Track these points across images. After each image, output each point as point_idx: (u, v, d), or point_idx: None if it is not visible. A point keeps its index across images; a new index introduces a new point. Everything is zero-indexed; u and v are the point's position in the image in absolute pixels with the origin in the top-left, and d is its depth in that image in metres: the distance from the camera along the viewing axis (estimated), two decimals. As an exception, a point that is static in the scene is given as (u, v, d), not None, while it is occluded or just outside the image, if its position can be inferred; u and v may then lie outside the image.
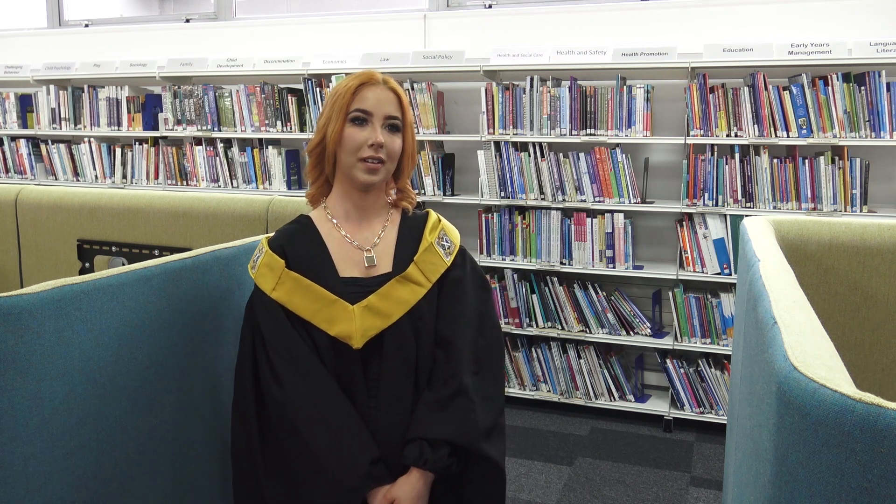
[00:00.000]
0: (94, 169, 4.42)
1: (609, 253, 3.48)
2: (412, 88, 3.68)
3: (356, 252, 1.48)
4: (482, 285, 1.55)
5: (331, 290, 1.43)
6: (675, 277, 3.43)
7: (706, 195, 3.31)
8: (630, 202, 3.43)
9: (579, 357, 3.57)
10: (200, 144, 4.14)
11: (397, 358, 1.44)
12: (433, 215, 1.57)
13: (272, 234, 1.53)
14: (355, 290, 1.45)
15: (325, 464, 1.36)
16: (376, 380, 1.44)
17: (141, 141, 4.30)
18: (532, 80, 3.49)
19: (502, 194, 3.59)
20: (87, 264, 2.88)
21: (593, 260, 3.51)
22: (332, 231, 1.50)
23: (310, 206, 1.59)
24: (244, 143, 4.12)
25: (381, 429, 1.42)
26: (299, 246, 1.48)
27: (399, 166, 1.51)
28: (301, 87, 3.89)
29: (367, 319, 1.42)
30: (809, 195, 3.19)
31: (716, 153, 3.29)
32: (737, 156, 3.25)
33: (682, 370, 3.43)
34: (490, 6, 3.95)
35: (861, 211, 3.14)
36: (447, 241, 1.54)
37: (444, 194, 3.71)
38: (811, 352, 0.78)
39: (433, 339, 1.47)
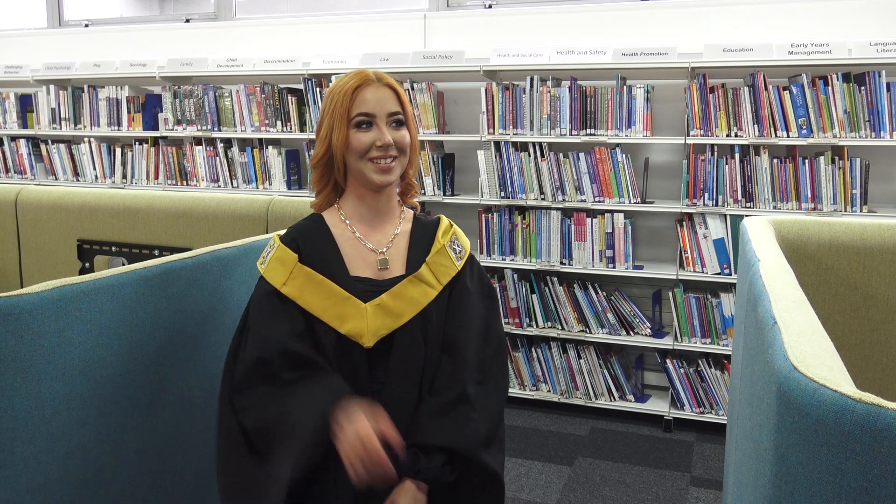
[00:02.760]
0: (94, 169, 4.42)
1: (609, 253, 3.48)
2: (412, 88, 3.68)
3: (369, 253, 1.48)
4: (489, 294, 1.55)
5: (343, 288, 1.42)
6: (675, 277, 3.43)
7: (706, 195, 3.31)
8: (630, 202, 3.43)
9: (579, 357, 3.57)
10: (200, 144, 4.14)
11: (406, 360, 1.43)
12: (445, 220, 1.57)
13: (284, 231, 1.52)
14: (367, 288, 1.44)
15: (292, 417, 1.32)
16: (381, 382, 1.43)
17: (141, 141, 4.30)
18: (532, 80, 3.49)
19: (502, 194, 3.59)
20: (87, 264, 2.88)
21: (593, 260, 3.51)
22: (344, 231, 1.49)
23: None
24: (244, 143, 4.12)
25: None
26: (312, 241, 1.47)
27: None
28: (301, 87, 3.89)
29: (379, 318, 1.41)
30: (809, 195, 3.19)
31: (716, 153, 3.29)
32: (737, 156, 3.25)
33: (682, 370, 3.43)
34: (490, 6, 3.95)
35: (861, 211, 3.14)
36: (458, 246, 1.54)
37: (444, 194, 3.71)
38: (811, 352, 0.78)
39: (440, 344, 1.46)
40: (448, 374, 1.43)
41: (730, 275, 3.32)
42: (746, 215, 2.99)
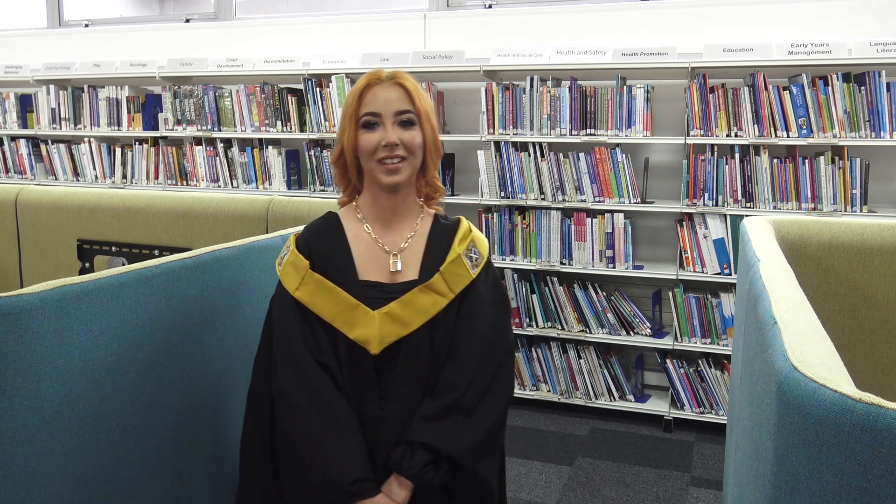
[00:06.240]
0: (94, 169, 4.42)
1: (609, 253, 3.48)
2: (412, 88, 3.68)
3: (383, 255, 1.48)
4: (500, 301, 1.54)
5: (351, 294, 1.43)
6: (675, 277, 3.43)
7: (706, 195, 3.31)
8: (630, 202, 3.43)
9: (579, 357, 3.57)
10: (200, 144, 4.14)
11: (411, 366, 1.43)
12: (464, 224, 1.56)
13: (301, 231, 1.54)
14: (377, 294, 1.44)
15: (308, 471, 1.37)
16: (388, 385, 1.44)
17: (141, 141, 4.30)
18: (532, 80, 3.49)
19: (502, 194, 3.59)
20: (87, 264, 2.88)
21: (593, 260, 3.51)
22: (359, 231, 1.50)
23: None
24: (244, 143, 4.12)
25: (391, 428, 1.42)
26: (324, 245, 1.48)
27: (423, 159, 1.48)
28: (301, 87, 3.89)
29: (387, 326, 1.42)
30: (809, 195, 3.19)
31: (716, 153, 3.29)
32: (737, 156, 3.25)
33: (682, 370, 3.43)
34: (490, 6, 3.95)
35: (861, 211, 3.14)
36: (475, 253, 1.52)
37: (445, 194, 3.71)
38: (811, 352, 0.78)
39: (447, 351, 1.46)
40: (448, 379, 1.43)
41: (730, 275, 3.32)
42: (746, 215, 2.99)
